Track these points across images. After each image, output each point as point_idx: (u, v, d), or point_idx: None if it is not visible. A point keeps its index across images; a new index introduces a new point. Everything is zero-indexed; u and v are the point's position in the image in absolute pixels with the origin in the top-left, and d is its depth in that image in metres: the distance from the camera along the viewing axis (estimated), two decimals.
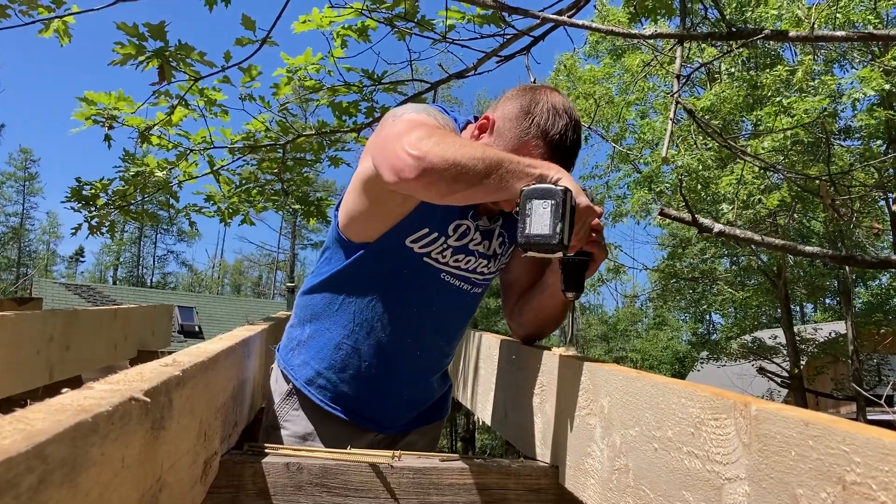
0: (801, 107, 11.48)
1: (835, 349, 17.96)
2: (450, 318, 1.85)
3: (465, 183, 1.33)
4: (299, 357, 1.81)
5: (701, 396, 0.92)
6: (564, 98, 1.61)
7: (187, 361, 1.04)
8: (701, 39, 2.37)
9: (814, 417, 0.72)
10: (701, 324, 28.27)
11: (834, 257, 3.07)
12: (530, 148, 1.53)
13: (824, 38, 2.85)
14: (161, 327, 4.16)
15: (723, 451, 0.86)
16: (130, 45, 2.97)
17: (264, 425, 1.82)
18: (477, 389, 2.32)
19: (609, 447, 1.19)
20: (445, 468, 1.40)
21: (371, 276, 1.72)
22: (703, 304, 21.41)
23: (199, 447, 1.13)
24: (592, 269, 1.45)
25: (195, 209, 4.40)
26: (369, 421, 1.80)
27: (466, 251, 1.72)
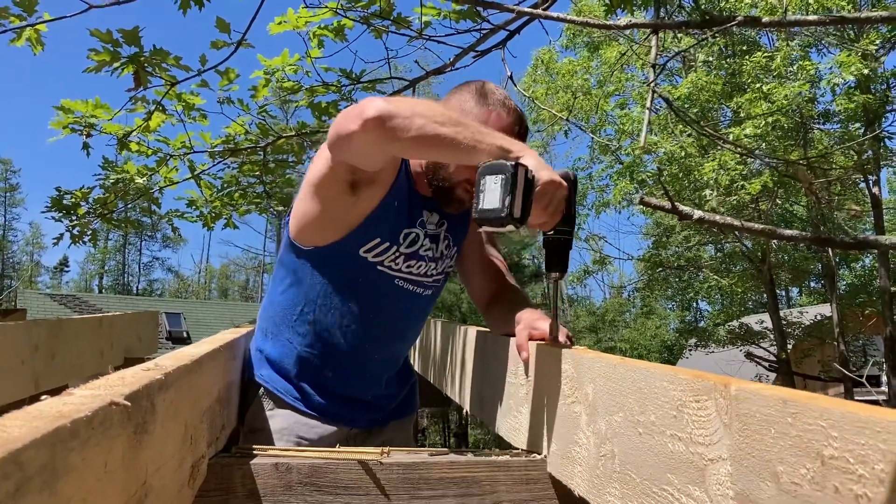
0: (780, 92, 11.55)
1: (821, 332, 18.11)
2: (405, 321, 1.92)
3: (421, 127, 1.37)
4: (265, 368, 1.85)
5: (682, 379, 0.93)
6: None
7: (170, 365, 1.04)
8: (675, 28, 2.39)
9: (792, 395, 0.72)
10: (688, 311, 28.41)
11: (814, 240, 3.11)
12: (501, 117, 1.65)
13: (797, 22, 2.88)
14: (147, 334, 4.13)
15: (705, 433, 0.86)
16: (105, 51, 2.94)
17: (245, 429, 1.83)
18: (465, 384, 2.33)
19: (595, 434, 1.19)
20: (435, 462, 1.41)
21: (326, 284, 1.76)
22: (690, 292, 21.53)
23: (186, 451, 1.13)
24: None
25: (177, 214, 4.38)
26: (336, 417, 1.82)
27: (417, 257, 1.79)
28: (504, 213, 1.32)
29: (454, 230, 1.87)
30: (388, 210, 1.71)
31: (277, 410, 1.81)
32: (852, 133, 14.14)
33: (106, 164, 3.89)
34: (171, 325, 24.42)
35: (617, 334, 36.12)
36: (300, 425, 1.79)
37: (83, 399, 0.70)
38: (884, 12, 3.78)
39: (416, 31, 3.02)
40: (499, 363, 1.85)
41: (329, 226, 1.71)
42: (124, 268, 57.41)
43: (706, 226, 2.82)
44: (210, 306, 30.29)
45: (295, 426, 1.78)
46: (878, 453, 0.59)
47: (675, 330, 29.75)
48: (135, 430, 0.80)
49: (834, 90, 12.52)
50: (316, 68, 3.51)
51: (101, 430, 0.67)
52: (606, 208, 17.35)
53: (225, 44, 3.08)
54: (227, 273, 63.72)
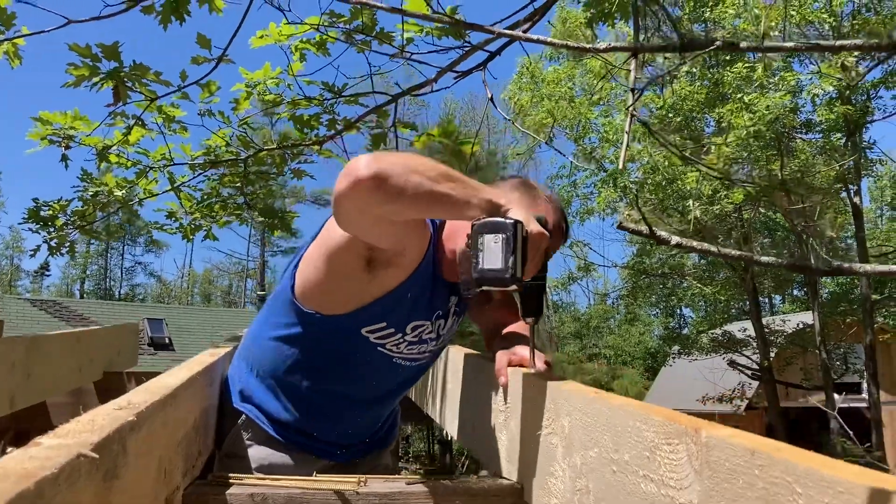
0: (762, 103, 11.66)
1: (803, 340, 18.23)
2: (401, 389, 1.91)
3: (417, 185, 1.35)
4: (248, 400, 1.82)
5: (655, 421, 0.93)
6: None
7: (143, 402, 1.03)
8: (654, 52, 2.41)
9: (760, 446, 0.73)
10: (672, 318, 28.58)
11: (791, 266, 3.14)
12: (549, 210, 1.63)
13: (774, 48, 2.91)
14: (127, 347, 4.11)
15: (676, 477, 0.87)
16: (84, 66, 2.92)
17: (222, 454, 1.81)
18: (445, 404, 2.33)
19: (570, 468, 1.20)
20: (411, 492, 1.40)
21: (322, 350, 1.71)
22: (674, 300, 21.68)
23: (160, 485, 1.12)
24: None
25: (157, 227, 4.36)
26: (320, 452, 1.82)
27: (420, 341, 1.75)
28: (508, 275, 1.31)
29: (463, 304, 1.82)
30: (403, 300, 1.64)
31: (257, 438, 1.79)
32: (834, 143, 14.28)
33: (85, 176, 3.87)
34: (152, 331, 24.18)
35: (601, 341, 36.28)
36: (278, 456, 1.77)
37: (49, 452, 0.69)
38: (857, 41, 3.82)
39: (399, 47, 3.02)
40: (479, 386, 1.85)
41: (337, 298, 1.63)
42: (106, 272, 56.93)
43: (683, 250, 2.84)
44: (193, 312, 30.06)
45: (273, 456, 1.76)
46: None
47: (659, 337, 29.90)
48: (104, 477, 0.80)
49: (814, 101, 12.65)
50: (298, 82, 3.50)
51: (68, 485, 0.67)
52: (591, 216, 17.44)
53: (205, 59, 3.06)
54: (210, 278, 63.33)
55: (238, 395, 1.83)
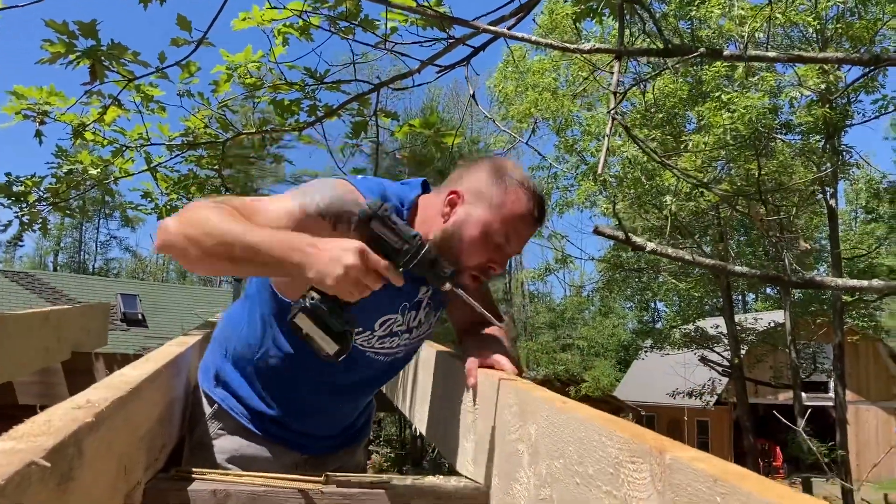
0: (741, 103, 11.72)
1: (774, 338, 18.46)
2: (376, 382, 1.89)
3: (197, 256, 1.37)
4: (221, 388, 1.80)
5: (620, 437, 0.93)
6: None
7: (103, 400, 1.01)
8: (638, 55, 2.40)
9: (723, 473, 0.72)
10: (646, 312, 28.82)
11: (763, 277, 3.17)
12: (518, 197, 1.56)
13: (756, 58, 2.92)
14: (97, 327, 4.05)
15: (639, 495, 0.86)
16: (60, 42, 2.86)
17: (191, 443, 1.79)
18: (415, 400, 2.32)
19: (535, 475, 1.19)
20: (376, 493, 1.40)
21: (295, 344, 1.67)
22: (648, 294, 21.82)
23: (119, 482, 1.10)
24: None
25: (131, 206, 4.30)
26: (293, 444, 1.80)
27: (391, 334, 1.72)
28: (334, 352, 1.34)
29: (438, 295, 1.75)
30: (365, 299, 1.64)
31: (229, 428, 1.76)
32: (812, 145, 14.42)
33: (59, 152, 3.80)
34: (126, 307, 23.91)
35: (575, 332, 36.48)
36: (250, 448, 1.74)
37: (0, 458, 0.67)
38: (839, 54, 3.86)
39: (383, 36, 2.99)
40: (450, 386, 1.84)
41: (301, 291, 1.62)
42: (81, 245, 56.28)
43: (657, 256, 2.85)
44: (168, 289, 29.76)
45: (244, 448, 1.74)
46: None
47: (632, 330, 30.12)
48: (59, 481, 0.78)
49: (793, 103, 12.74)
50: (280, 66, 3.46)
51: (18, 494, 0.65)
52: (570, 208, 17.50)
53: (185, 41, 3.01)
54: None
55: (213, 379, 1.81)
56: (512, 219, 1.55)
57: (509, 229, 1.55)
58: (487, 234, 1.53)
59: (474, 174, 1.60)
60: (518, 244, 1.59)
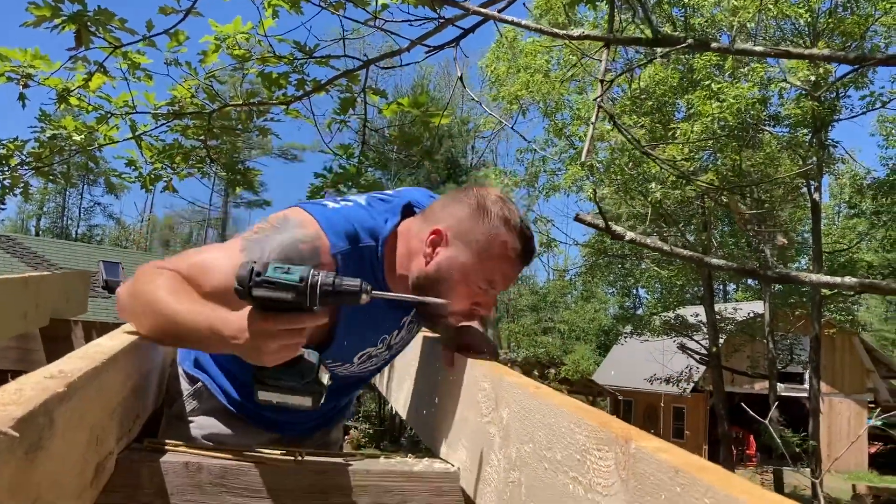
0: (731, 92, 11.75)
1: (752, 328, 18.64)
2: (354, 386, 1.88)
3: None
4: (199, 368, 1.78)
5: (588, 425, 0.94)
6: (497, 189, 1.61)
7: (76, 370, 1.01)
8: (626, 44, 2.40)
9: (685, 465, 0.74)
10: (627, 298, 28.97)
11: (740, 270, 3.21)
12: (502, 239, 1.49)
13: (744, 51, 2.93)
14: (77, 294, 4.02)
15: (604, 483, 0.88)
16: (46, 6, 2.82)
17: (168, 415, 1.78)
18: (392, 380, 2.34)
19: (505, 459, 1.21)
20: (348, 471, 1.41)
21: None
22: (631, 280, 21.96)
23: (90, 453, 1.10)
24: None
25: (115, 174, 4.27)
26: (271, 425, 1.79)
27: (369, 358, 1.71)
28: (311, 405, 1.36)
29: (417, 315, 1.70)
30: (340, 337, 1.56)
31: (206, 407, 1.75)
32: (799, 138, 14.49)
33: (43, 117, 3.76)
34: (108, 274, 23.79)
35: (557, 315, 36.71)
36: (227, 426, 1.73)
37: None
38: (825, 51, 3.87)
39: (373, 13, 2.97)
40: (427, 368, 1.86)
41: None
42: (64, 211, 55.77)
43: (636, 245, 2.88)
44: (150, 258, 29.59)
45: (221, 426, 1.73)
46: None
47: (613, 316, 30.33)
48: (27, 450, 0.78)
49: (782, 94, 12.78)
50: (269, 39, 3.43)
51: None
52: (556, 192, 17.53)
53: (174, 10, 2.98)
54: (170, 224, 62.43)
55: (193, 363, 1.79)
56: (498, 262, 1.50)
57: (495, 274, 1.51)
58: (472, 280, 1.50)
59: (456, 210, 1.52)
60: (504, 285, 1.55)
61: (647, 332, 19.57)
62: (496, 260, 1.50)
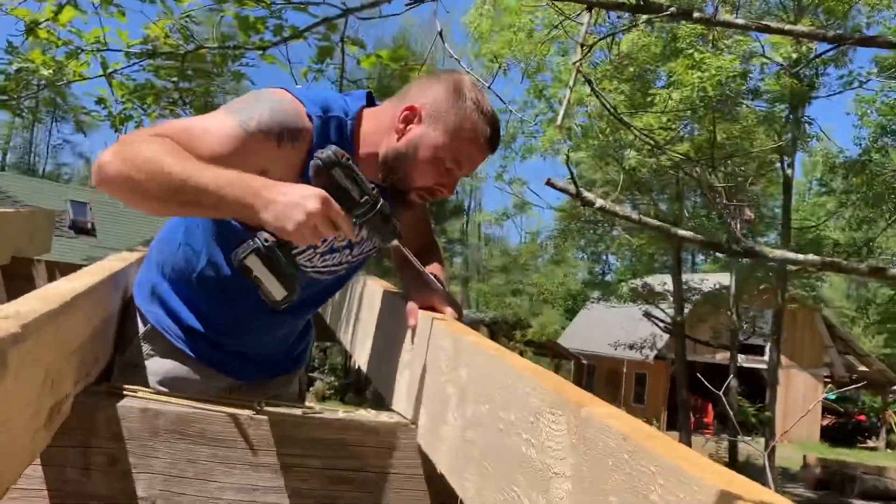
0: (713, 63, 11.75)
1: (717, 300, 18.91)
2: (312, 300, 1.86)
3: (142, 199, 1.36)
4: (157, 305, 1.74)
5: (543, 389, 0.95)
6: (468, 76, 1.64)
7: (32, 312, 0.99)
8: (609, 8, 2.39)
9: (633, 432, 0.75)
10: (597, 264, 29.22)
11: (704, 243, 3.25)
12: (474, 122, 1.53)
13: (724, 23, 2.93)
14: (40, 233, 3.97)
15: (554, 446, 0.89)
16: None
17: (122, 362, 1.76)
18: (356, 334, 2.34)
19: (462, 417, 1.22)
20: (306, 423, 1.42)
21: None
22: (602, 246, 22.13)
23: (45, 396, 1.09)
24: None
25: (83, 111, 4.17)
26: (227, 368, 1.79)
27: (332, 250, 1.69)
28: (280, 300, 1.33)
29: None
30: None
31: (161, 350, 1.73)
32: (776, 114, 14.58)
33: (10, 48, 3.65)
34: (75, 214, 23.39)
35: (527, 277, 36.96)
36: (182, 370, 1.72)
37: None
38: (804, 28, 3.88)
39: None
40: (390, 324, 1.86)
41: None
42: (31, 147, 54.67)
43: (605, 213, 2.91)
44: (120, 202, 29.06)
45: (175, 370, 1.71)
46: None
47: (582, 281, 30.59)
48: None
49: (763, 69, 12.81)
50: None
51: None
52: (532, 154, 17.50)
53: None
54: None
55: (149, 295, 1.76)
56: (466, 144, 1.54)
57: (462, 155, 1.55)
58: (440, 158, 1.53)
59: (433, 90, 1.56)
60: (469, 168, 1.59)
61: (614, 299, 19.79)
62: (466, 141, 1.54)
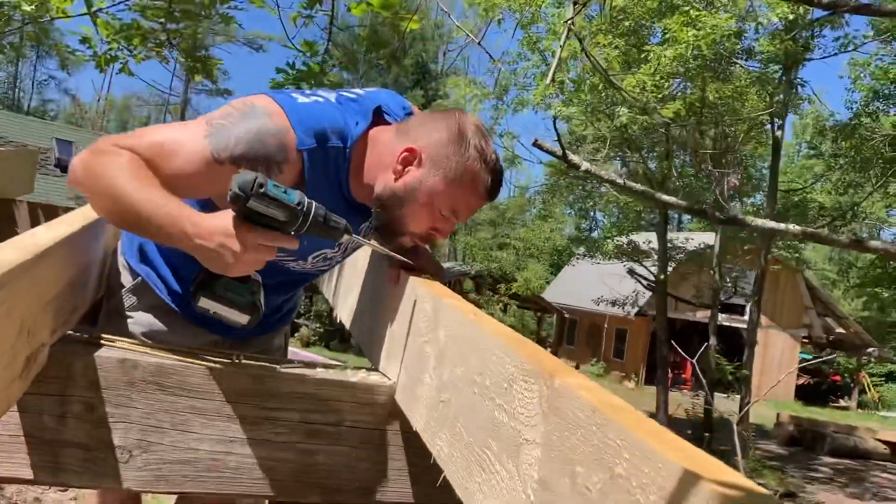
0: (708, 21, 11.62)
1: (701, 259, 19.04)
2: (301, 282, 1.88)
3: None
4: (145, 263, 1.74)
5: (518, 357, 0.96)
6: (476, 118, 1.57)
7: (6, 263, 0.98)
8: None
9: (603, 405, 0.76)
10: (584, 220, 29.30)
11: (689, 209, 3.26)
12: (475, 171, 1.49)
13: None
14: (22, 174, 3.91)
15: (526, 413, 0.90)
16: None
17: (107, 309, 1.76)
18: (339, 290, 2.34)
19: (438, 378, 1.23)
20: (284, 377, 1.42)
21: None
22: (590, 202, 22.14)
23: (20, 345, 1.09)
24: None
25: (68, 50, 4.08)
26: (212, 326, 1.78)
27: (325, 259, 1.72)
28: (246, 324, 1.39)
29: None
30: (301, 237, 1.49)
31: (148, 304, 1.73)
32: (769, 75, 14.48)
33: None
34: (60, 152, 23.10)
35: (514, 231, 37.03)
36: (167, 324, 1.72)
37: None
38: None
39: None
40: (374, 282, 1.86)
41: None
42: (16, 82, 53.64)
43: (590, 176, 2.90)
44: None
45: (161, 323, 1.71)
46: (656, 486, 0.64)
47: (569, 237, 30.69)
48: None
49: (758, 29, 12.69)
50: None
51: None
52: (525, 107, 17.36)
53: None
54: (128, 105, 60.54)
55: (137, 253, 1.75)
56: (465, 194, 1.50)
57: (460, 204, 1.51)
58: (436, 206, 1.49)
59: (435, 133, 1.50)
60: (466, 216, 1.56)
61: (599, 255, 19.88)
62: (464, 191, 1.50)
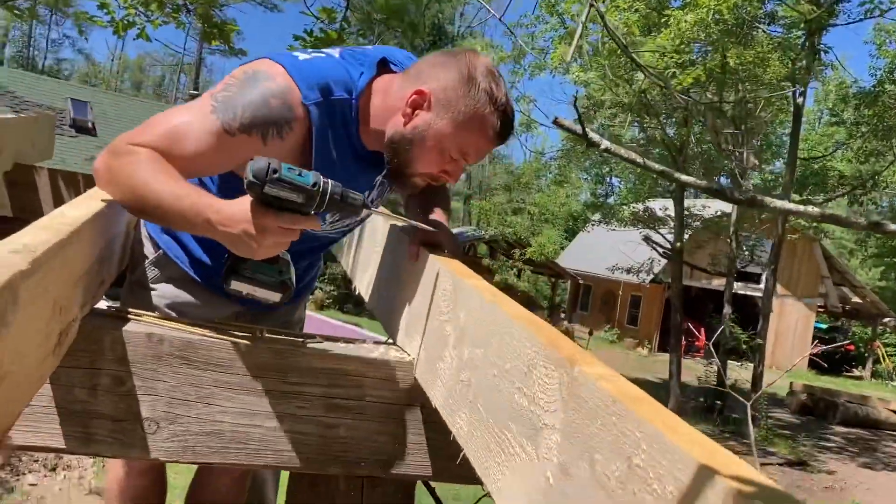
0: None
1: (718, 227, 18.93)
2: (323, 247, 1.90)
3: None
4: (167, 234, 1.77)
5: (538, 342, 0.98)
6: (488, 59, 1.55)
7: (41, 244, 1.01)
8: None
9: (622, 396, 0.78)
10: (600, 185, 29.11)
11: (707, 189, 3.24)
12: (484, 114, 1.48)
13: None
14: (42, 139, 3.94)
15: (546, 399, 0.92)
16: None
17: (131, 280, 1.79)
18: (358, 262, 2.37)
19: (458, 358, 1.26)
20: (307, 352, 1.45)
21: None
22: (606, 168, 21.98)
23: (54, 323, 1.12)
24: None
25: (86, 17, 4.08)
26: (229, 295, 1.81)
27: (341, 218, 1.74)
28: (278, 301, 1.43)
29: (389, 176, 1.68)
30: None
31: (171, 275, 1.76)
32: (792, 40, 14.24)
33: None
34: (76, 112, 23.13)
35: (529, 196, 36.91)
36: (190, 295, 1.75)
37: None
38: None
39: None
40: (394, 257, 1.88)
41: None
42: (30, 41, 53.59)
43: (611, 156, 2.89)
44: (120, 99, 28.62)
45: (184, 295, 1.75)
46: (672, 478, 0.66)
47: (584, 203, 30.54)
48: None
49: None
50: None
51: None
52: (541, 71, 17.18)
53: None
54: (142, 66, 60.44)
55: (152, 231, 1.79)
56: (474, 137, 1.50)
57: (469, 147, 1.52)
58: (445, 148, 1.50)
59: (444, 74, 1.49)
60: (476, 159, 1.56)
61: (614, 222, 19.80)
62: (474, 134, 1.50)
